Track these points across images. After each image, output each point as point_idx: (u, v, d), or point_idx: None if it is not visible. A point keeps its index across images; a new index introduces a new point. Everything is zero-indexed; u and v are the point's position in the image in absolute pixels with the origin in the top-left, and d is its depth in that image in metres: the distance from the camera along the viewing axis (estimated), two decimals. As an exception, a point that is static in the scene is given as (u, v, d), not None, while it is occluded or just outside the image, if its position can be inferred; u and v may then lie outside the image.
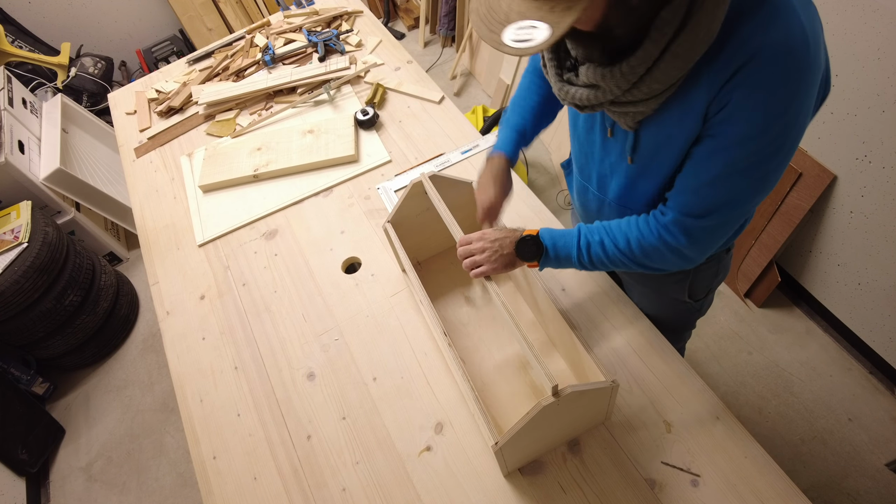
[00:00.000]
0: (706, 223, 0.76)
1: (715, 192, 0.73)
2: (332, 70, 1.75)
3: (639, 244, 0.82)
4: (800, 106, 0.65)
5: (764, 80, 0.63)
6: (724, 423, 0.94)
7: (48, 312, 2.04)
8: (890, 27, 1.25)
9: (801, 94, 0.64)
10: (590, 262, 0.86)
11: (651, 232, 0.80)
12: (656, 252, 0.81)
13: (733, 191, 0.72)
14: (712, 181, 0.72)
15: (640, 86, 0.67)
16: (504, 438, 0.80)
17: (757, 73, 0.62)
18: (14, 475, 1.98)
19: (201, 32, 3.38)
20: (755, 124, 0.65)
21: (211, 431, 1.11)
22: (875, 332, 1.71)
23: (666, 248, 0.80)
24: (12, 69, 2.79)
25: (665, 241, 0.79)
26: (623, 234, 0.83)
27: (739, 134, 0.67)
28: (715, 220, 0.76)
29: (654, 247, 0.81)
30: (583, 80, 0.72)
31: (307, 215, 1.42)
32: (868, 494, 1.58)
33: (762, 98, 0.64)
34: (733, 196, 0.73)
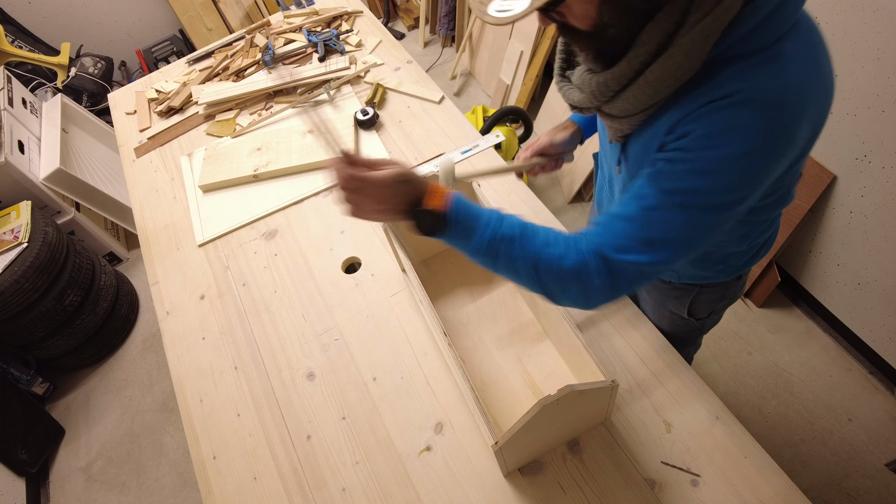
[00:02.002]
0: (615, 258, 0.67)
1: (627, 228, 0.67)
2: (332, 70, 1.75)
3: (547, 262, 0.69)
4: (757, 162, 0.61)
5: (727, 122, 0.60)
6: (723, 423, 0.94)
7: (48, 312, 2.04)
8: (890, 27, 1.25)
9: (762, 151, 0.61)
10: (487, 251, 0.71)
11: (565, 255, 0.69)
12: (559, 279, 0.69)
13: (645, 228, 0.66)
14: (627, 218, 0.67)
15: (615, 102, 0.66)
16: (504, 438, 0.80)
17: (723, 112, 0.60)
18: (14, 475, 1.98)
19: (201, 32, 3.38)
20: (706, 163, 0.61)
21: (211, 431, 1.11)
22: (875, 332, 1.71)
23: (572, 279, 0.69)
24: (12, 69, 2.79)
25: (575, 272, 0.68)
26: (543, 245, 0.70)
27: (689, 168, 0.62)
28: (623, 258, 0.67)
29: (561, 270, 0.69)
30: (575, 80, 0.72)
31: (307, 215, 1.42)
32: (868, 494, 1.58)
33: (721, 140, 0.60)
34: (645, 234, 0.66)
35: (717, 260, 0.92)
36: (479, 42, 3.01)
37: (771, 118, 0.59)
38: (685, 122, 0.63)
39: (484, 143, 1.47)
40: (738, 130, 0.60)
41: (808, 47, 0.62)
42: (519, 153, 1.12)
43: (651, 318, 1.13)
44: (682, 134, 0.63)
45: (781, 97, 0.59)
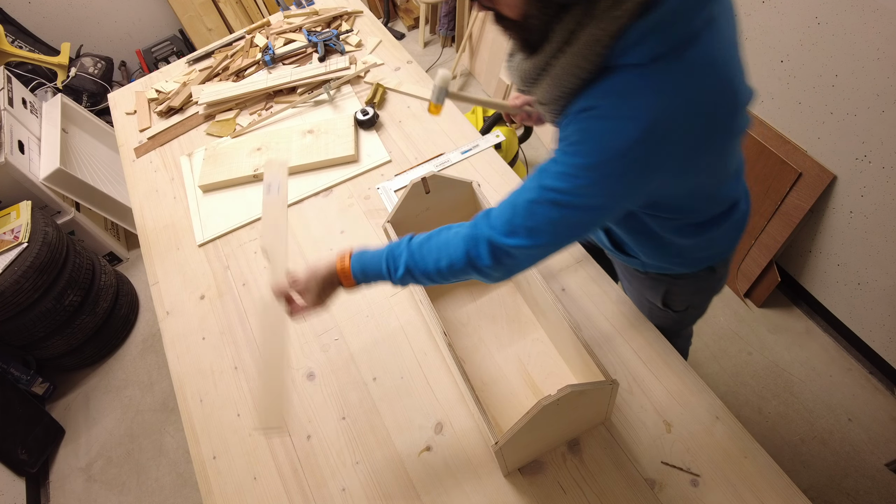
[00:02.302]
0: (492, 237, 0.74)
1: (504, 212, 0.73)
2: (332, 70, 1.75)
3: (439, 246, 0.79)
4: (605, 175, 0.64)
5: (584, 134, 0.64)
6: (723, 423, 0.94)
7: (48, 312, 2.04)
8: (890, 27, 1.25)
9: (608, 167, 0.64)
10: (400, 266, 0.82)
11: (459, 236, 0.78)
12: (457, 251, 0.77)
13: (512, 213, 0.72)
14: (507, 202, 0.73)
15: (536, 89, 0.71)
16: (504, 438, 0.80)
17: (586, 123, 0.64)
18: (14, 475, 1.98)
19: (201, 32, 3.38)
20: (567, 167, 0.66)
21: (211, 431, 1.11)
22: (875, 332, 1.71)
23: (463, 256, 0.77)
24: (12, 69, 2.78)
25: (466, 252, 0.76)
26: (425, 239, 0.81)
27: (559, 170, 0.67)
28: (498, 237, 0.73)
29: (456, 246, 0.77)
30: (515, 65, 0.77)
31: (307, 215, 1.42)
32: (868, 494, 1.58)
33: (578, 149, 0.65)
34: (514, 220, 0.72)
35: (672, 252, 0.92)
36: (479, 42, 3.01)
37: (621, 139, 0.62)
38: (565, 125, 0.68)
39: (484, 143, 1.47)
40: (589, 143, 0.64)
41: (693, 70, 0.61)
42: (511, 98, 1.10)
43: (637, 306, 1.15)
44: (562, 137, 0.69)
45: (639, 119, 0.61)
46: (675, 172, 0.68)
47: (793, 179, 1.64)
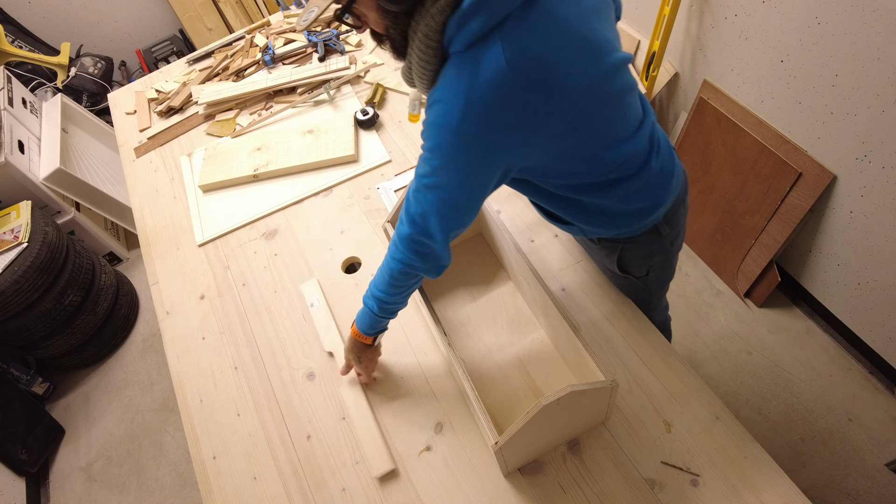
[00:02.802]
0: (409, 232, 0.84)
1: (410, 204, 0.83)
2: (331, 70, 1.75)
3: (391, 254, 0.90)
4: (449, 155, 0.75)
5: (426, 121, 0.75)
6: (723, 423, 0.94)
7: (48, 312, 2.04)
8: (890, 27, 1.24)
9: (447, 147, 0.74)
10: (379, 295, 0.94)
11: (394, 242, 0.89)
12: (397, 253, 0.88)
13: (423, 204, 0.81)
14: (410, 192, 0.84)
15: (414, 83, 0.81)
16: (504, 438, 0.80)
17: (428, 111, 0.74)
18: (14, 475, 1.98)
19: (201, 32, 3.38)
20: (424, 152, 0.78)
21: (211, 431, 1.11)
22: (875, 332, 1.71)
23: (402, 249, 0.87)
24: (12, 69, 2.79)
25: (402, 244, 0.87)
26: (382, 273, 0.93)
27: (421, 157, 0.79)
28: (411, 230, 0.84)
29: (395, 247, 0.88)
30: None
31: (307, 215, 1.42)
32: (868, 494, 1.58)
33: (425, 135, 0.76)
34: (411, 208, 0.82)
35: (595, 213, 0.95)
36: (479, 42, 3.01)
37: (448, 119, 0.71)
38: None
39: (484, 143, 1.47)
40: (430, 129, 0.75)
41: (517, 45, 0.69)
42: None
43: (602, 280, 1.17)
44: None
45: (457, 101, 0.70)
46: (522, 141, 0.75)
47: (793, 179, 1.64)
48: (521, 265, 1.01)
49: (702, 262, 2.11)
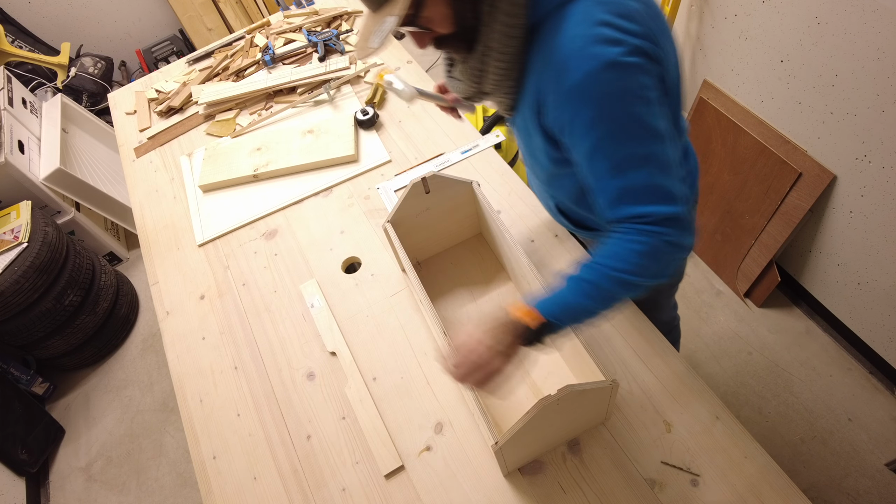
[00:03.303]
0: (657, 214, 0.72)
1: (622, 185, 0.72)
2: (331, 70, 1.75)
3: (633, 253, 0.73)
4: (617, 94, 0.68)
5: (573, 93, 0.69)
6: (724, 423, 0.94)
7: (48, 312, 2.04)
8: (890, 27, 1.24)
9: (610, 88, 0.67)
10: (602, 304, 0.76)
11: (635, 235, 0.73)
12: (654, 251, 0.73)
13: (627, 171, 0.72)
14: (610, 182, 0.73)
15: (484, 78, 0.79)
16: (504, 438, 0.80)
17: (556, 80, 0.70)
18: (14, 475, 1.98)
19: (201, 32, 3.38)
20: (587, 118, 0.70)
21: (211, 431, 1.11)
22: (875, 332, 1.71)
23: (655, 239, 0.72)
24: (12, 69, 2.78)
25: (645, 233, 0.73)
26: (608, 259, 0.75)
27: (590, 141, 0.71)
28: (660, 207, 0.72)
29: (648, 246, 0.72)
30: (456, 75, 0.89)
31: (307, 215, 1.42)
32: (868, 494, 1.58)
33: (583, 108, 0.69)
34: (637, 176, 0.72)
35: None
36: (479, 42, 3.01)
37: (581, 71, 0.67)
38: (545, 100, 0.75)
39: (484, 142, 1.47)
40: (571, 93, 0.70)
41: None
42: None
43: None
44: (547, 108, 0.75)
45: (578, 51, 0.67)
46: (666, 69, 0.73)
47: (793, 179, 1.64)
48: (522, 265, 1.01)
49: (702, 262, 2.12)
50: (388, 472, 0.98)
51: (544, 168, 0.93)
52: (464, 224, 1.23)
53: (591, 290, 0.75)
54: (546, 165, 0.91)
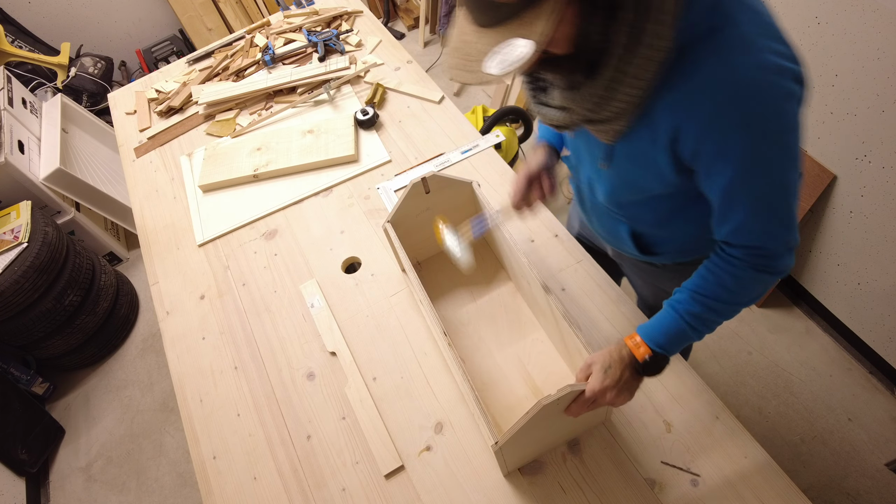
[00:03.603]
0: (776, 245, 0.75)
1: (762, 220, 0.73)
2: (332, 70, 1.75)
3: (740, 287, 0.78)
4: (779, 125, 0.66)
5: (724, 122, 0.65)
6: (723, 423, 0.94)
7: (48, 312, 2.04)
8: (890, 27, 1.25)
9: (774, 119, 0.65)
10: (705, 328, 0.82)
11: (739, 270, 0.78)
12: (757, 283, 0.79)
13: (774, 207, 0.72)
14: (751, 214, 0.72)
15: (606, 106, 0.69)
16: (504, 438, 0.80)
17: (712, 109, 0.65)
18: (14, 475, 1.98)
19: (201, 32, 3.38)
20: (745, 158, 0.67)
21: (211, 431, 1.11)
22: (875, 332, 1.71)
23: (765, 275, 0.78)
24: (12, 69, 2.79)
25: (757, 269, 0.77)
26: (719, 287, 0.79)
27: (736, 170, 0.68)
28: (783, 239, 0.75)
29: (751, 279, 0.78)
30: (555, 102, 0.76)
31: (307, 215, 1.42)
32: (868, 494, 1.58)
33: (733, 137, 0.66)
34: (780, 212, 0.73)
35: (701, 236, 0.92)
36: (479, 42, 3.01)
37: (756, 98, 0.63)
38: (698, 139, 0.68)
39: (484, 143, 1.47)
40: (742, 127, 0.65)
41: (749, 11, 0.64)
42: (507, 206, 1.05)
43: (648, 300, 1.15)
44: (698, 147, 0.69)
45: (755, 76, 0.63)
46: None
47: (793, 179, 1.64)
48: (522, 265, 1.01)
49: (702, 262, 2.11)
50: (388, 472, 0.98)
51: (644, 193, 0.86)
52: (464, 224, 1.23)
53: (708, 325, 0.81)
54: (651, 191, 0.84)
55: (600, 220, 1.05)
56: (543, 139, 1.06)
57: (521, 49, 0.60)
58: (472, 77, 0.64)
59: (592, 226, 1.10)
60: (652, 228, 0.96)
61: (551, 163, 1.03)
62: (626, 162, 0.82)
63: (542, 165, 1.02)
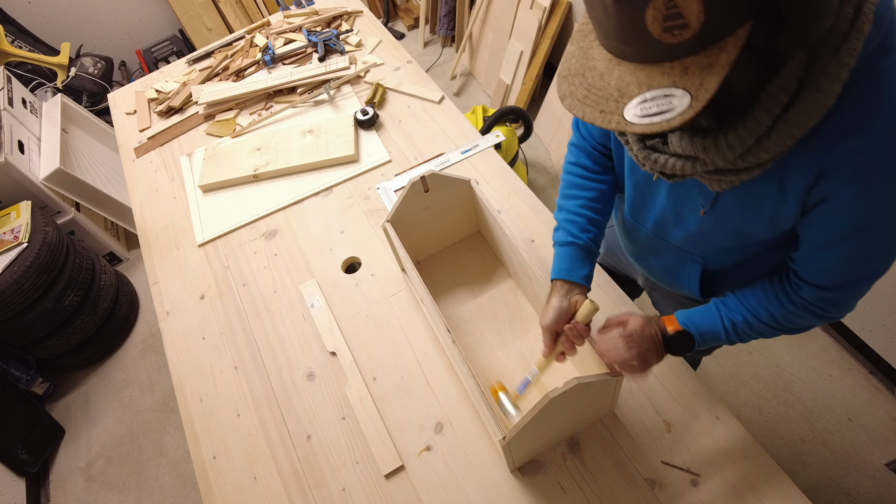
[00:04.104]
0: (851, 293, 0.72)
1: (853, 268, 0.69)
2: (331, 70, 1.75)
3: (784, 317, 0.77)
4: None
5: (879, 167, 0.58)
6: (724, 423, 0.94)
7: (48, 312, 2.04)
8: (890, 27, 1.24)
9: None
10: (738, 338, 0.82)
11: (795, 306, 0.76)
12: (801, 321, 0.77)
13: (871, 263, 0.69)
14: (846, 260, 0.68)
15: (747, 156, 0.59)
16: (512, 433, 0.80)
17: (871, 162, 0.58)
18: (14, 475, 1.98)
19: (201, 32, 3.38)
20: (879, 208, 0.61)
21: (211, 431, 1.11)
22: (875, 332, 1.71)
23: (813, 318, 0.76)
24: (12, 69, 2.79)
25: (813, 313, 0.75)
26: (765, 308, 0.78)
27: (864, 219, 0.62)
28: (857, 291, 0.72)
29: (799, 317, 0.76)
30: (674, 149, 0.63)
31: (307, 215, 1.42)
32: (868, 494, 1.58)
33: (882, 185, 0.59)
34: (873, 267, 0.69)
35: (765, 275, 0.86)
36: (478, 42, 3.01)
37: None
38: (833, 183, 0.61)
39: (484, 142, 1.47)
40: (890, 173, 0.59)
41: None
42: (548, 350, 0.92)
43: None
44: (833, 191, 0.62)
45: None
46: None
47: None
48: (523, 262, 1.01)
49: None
50: (388, 472, 0.98)
51: (746, 239, 0.78)
52: (462, 222, 1.23)
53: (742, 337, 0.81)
54: (755, 237, 0.76)
55: (660, 259, 0.95)
56: (558, 277, 0.90)
57: (680, 102, 0.48)
58: (600, 118, 0.54)
59: (642, 261, 1.01)
60: (727, 269, 0.89)
61: (571, 304, 0.87)
62: (734, 208, 0.72)
63: (560, 315, 0.86)
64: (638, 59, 0.51)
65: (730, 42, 0.47)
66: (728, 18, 0.46)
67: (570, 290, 0.88)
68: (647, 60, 0.50)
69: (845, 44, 0.52)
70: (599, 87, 0.54)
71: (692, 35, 0.46)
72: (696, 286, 0.93)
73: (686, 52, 0.48)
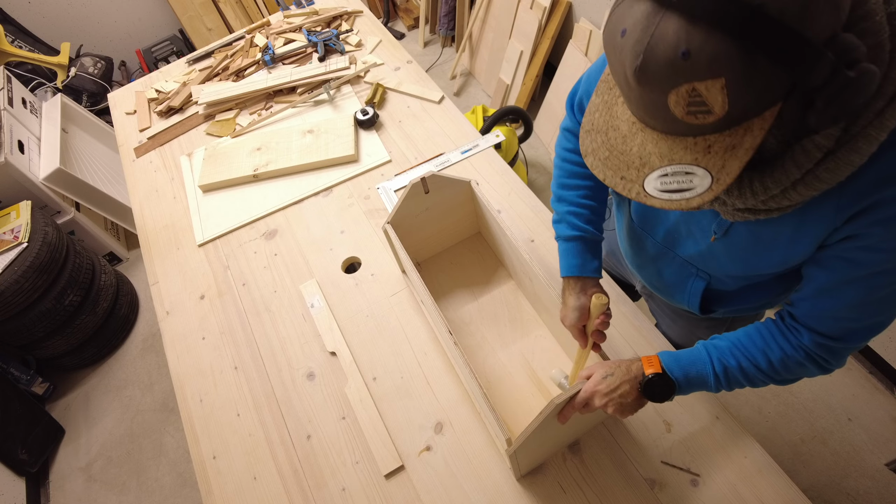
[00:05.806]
0: (851, 345, 0.69)
1: (858, 316, 0.66)
2: (331, 70, 1.75)
3: (783, 365, 0.72)
4: None
5: None
6: (723, 423, 0.94)
7: (48, 312, 2.04)
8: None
9: None
10: (727, 386, 0.76)
11: (797, 353, 0.72)
12: (802, 370, 0.73)
13: (878, 312, 0.65)
14: (854, 306, 0.65)
15: (769, 202, 0.58)
16: (518, 441, 0.79)
17: None
18: (14, 475, 1.98)
19: (201, 32, 3.38)
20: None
21: (211, 431, 1.11)
22: (875, 332, 1.71)
23: (815, 367, 0.72)
24: (12, 69, 2.79)
25: (815, 361, 0.71)
26: (763, 354, 0.73)
27: (884, 263, 0.59)
28: (859, 342, 0.69)
29: (800, 365, 0.72)
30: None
31: (307, 215, 1.42)
32: (868, 494, 1.58)
33: None
34: (878, 318, 0.66)
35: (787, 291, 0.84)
36: (478, 42, 3.01)
37: None
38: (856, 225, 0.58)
39: (484, 142, 1.47)
40: None
41: None
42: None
43: (675, 341, 1.12)
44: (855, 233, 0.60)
45: None
46: None
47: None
48: (524, 263, 1.01)
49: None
50: (388, 472, 0.98)
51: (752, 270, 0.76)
52: (463, 223, 1.23)
53: (731, 384, 0.76)
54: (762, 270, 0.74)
55: (663, 270, 0.92)
56: (570, 274, 0.90)
57: (701, 183, 0.48)
58: (621, 185, 0.54)
59: (643, 271, 0.99)
60: (731, 290, 0.87)
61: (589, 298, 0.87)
62: (745, 240, 0.71)
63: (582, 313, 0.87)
64: (661, 129, 0.51)
65: (756, 124, 0.46)
66: (754, 107, 0.46)
67: (585, 285, 0.88)
68: (670, 132, 0.50)
69: (890, 106, 0.50)
70: (622, 150, 0.54)
71: (716, 120, 0.46)
72: (697, 302, 0.90)
73: (710, 131, 0.48)
